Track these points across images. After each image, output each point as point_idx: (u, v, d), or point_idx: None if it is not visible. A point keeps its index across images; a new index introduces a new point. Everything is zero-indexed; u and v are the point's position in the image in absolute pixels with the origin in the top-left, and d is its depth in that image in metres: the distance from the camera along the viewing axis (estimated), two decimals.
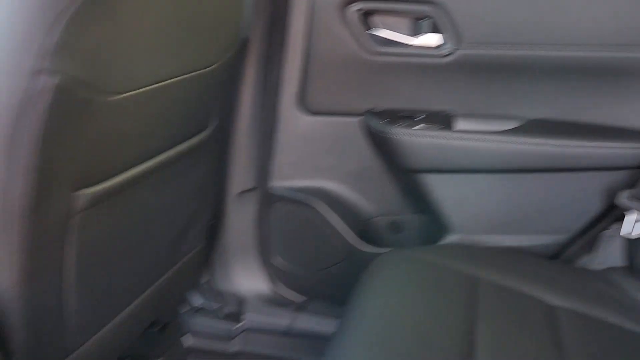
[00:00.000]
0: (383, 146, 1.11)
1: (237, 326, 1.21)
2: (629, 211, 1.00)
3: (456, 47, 1.02)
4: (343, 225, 1.16)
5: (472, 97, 1.08)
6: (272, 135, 1.15)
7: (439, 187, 1.09)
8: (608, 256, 1.07)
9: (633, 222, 0.99)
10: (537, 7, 0.99)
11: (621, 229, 1.01)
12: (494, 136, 1.05)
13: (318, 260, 1.21)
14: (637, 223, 0.99)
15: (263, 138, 1.15)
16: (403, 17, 1.04)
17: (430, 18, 1.02)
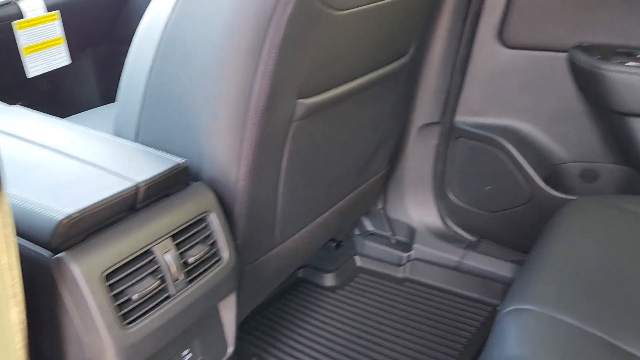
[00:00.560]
0: (591, 85, 1.02)
1: (407, 254, 1.25)
2: None
3: None
4: (529, 167, 1.11)
5: None
6: (465, 67, 1.12)
7: None
8: None
9: None
10: None
11: None
12: None
13: (497, 201, 1.18)
14: None
15: (454, 70, 1.13)
16: None
17: None
